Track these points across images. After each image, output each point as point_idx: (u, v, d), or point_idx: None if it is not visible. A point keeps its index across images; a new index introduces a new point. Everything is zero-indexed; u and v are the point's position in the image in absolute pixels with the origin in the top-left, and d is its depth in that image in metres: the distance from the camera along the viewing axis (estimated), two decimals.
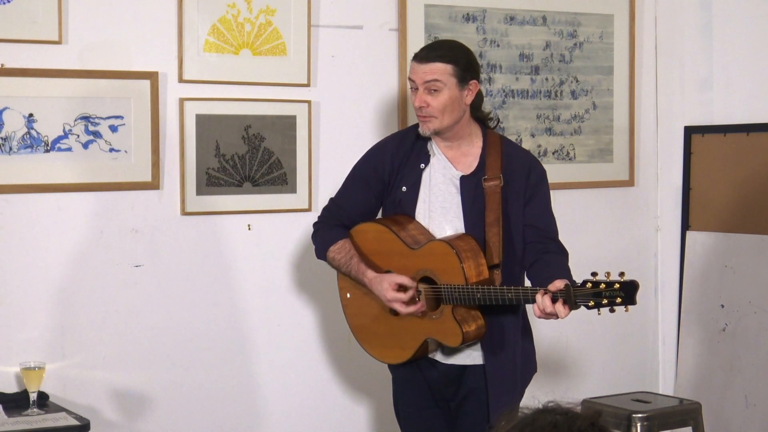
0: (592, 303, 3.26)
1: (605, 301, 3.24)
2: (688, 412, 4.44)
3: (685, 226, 4.97)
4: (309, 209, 4.33)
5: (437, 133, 3.57)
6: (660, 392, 4.98)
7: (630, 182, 5.05)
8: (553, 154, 4.85)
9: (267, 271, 4.32)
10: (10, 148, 3.89)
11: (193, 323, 4.20)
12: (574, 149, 4.91)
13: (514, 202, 3.57)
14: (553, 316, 3.31)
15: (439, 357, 3.62)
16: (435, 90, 3.53)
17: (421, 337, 3.56)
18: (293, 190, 4.33)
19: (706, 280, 4.86)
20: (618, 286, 3.23)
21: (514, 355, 3.59)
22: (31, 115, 3.91)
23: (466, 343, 3.50)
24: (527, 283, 3.61)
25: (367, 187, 3.70)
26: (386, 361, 3.72)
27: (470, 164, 3.61)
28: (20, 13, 3.86)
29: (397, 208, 3.65)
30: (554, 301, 3.28)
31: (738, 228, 4.75)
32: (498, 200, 3.53)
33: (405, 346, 3.60)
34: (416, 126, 3.74)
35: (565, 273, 3.46)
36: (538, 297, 3.30)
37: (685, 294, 4.94)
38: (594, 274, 3.27)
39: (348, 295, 3.74)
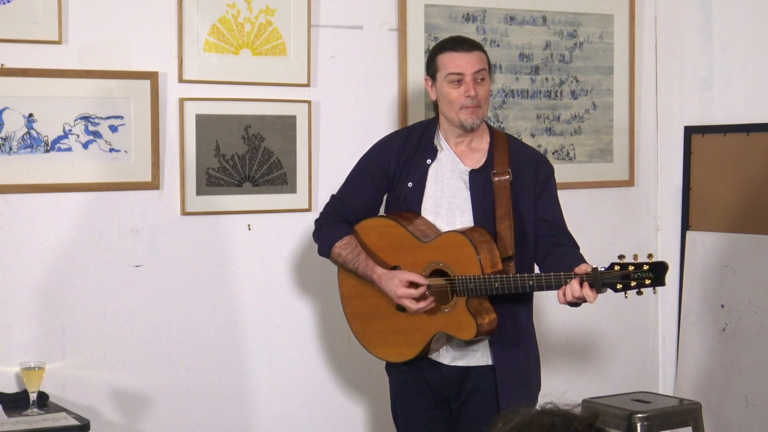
0: (620, 285, 3.25)
1: (634, 283, 3.23)
2: (688, 412, 4.44)
3: (685, 226, 4.97)
4: (309, 209, 4.34)
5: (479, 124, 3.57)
6: (660, 392, 4.98)
7: (630, 182, 5.05)
8: (553, 154, 4.85)
9: (267, 271, 4.32)
10: (10, 148, 3.89)
11: (193, 323, 4.20)
12: (574, 149, 4.91)
13: (524, 196, 3.58)
14: (581, 301, 3.30)
15: (442, 359, 3.60)
16: (482, 79, 3.55)
17: (431, 332, 3.53)
18: (293, 190, 4.33)
19: (706, 280, 4.86)
20: (647, 267, 3.23)
21: (528, 349, 3.59)
22: (31, 115, 3.92)
23: (479, 336, 3.47)
24: None
25: (372, 182, 3.68)
26: (390, 360, 3.68)
27: (478, 159, 3.61)
28: (20, 13, 3.87)
29: (402, 205, 3.63)
30: (581, 285, 3.28)
31: (738, 228, 4.74)
32: (508, 194, 3.53)
33: (412, 343, 3.57)
34: (422, 123, 3.75)
35: (584, 261, 3.46)
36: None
37: (685, 294, 4.94)
38: (621, 257, 3.27)
39: (349, 293, 3.72)
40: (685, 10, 4.98)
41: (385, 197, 3.74)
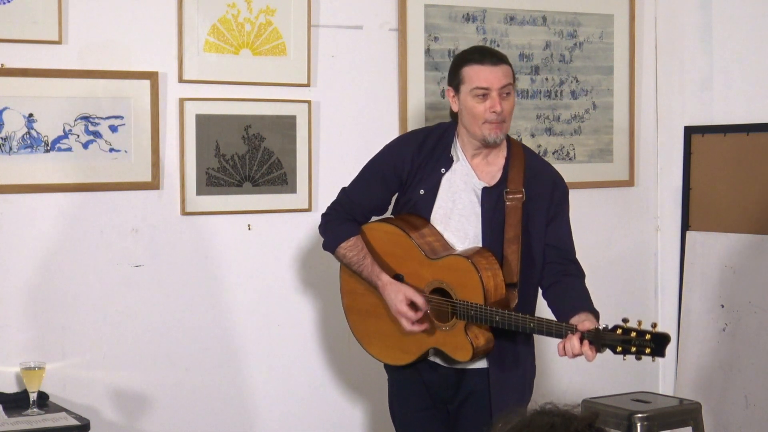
0: (619, 348, 3.19)
1: (634, 349, 3.16)
2: (688, 412, 4.44)
3: (685, 226, 4.97)
4: (309, 209, 4.34)
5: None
6: (660, 392, 4.98)
7: (630, 182, 5.05)
8: (553, 154, 4.85)
9: (267, 271, 4.32)
10: (10, 148, 3.89)
11: (192, 323, 4.20)
12: (574, 149, 4.91)
13: (536, 218, 3.51)
14: (578, 356, 3.26)
15: (439, 360, 3.58)
16: (508, 93, 3.46)
17: (426, 345, 3.52)
18: (293, 190, 4.33)
19: (706, 280, 4.86)
20: (649, 336, 3.16)
21: (524, 371, 3.56)
22: (31, 115, 3.92)
23: (474, 359, 3.46)
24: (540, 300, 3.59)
25: (384, 183, 3.63)
26: (384, 361, 3.69)
27: (494, 175, 3.52)
28: (20, 13, 3.87)
29: (411, 209, 3.59)
30: (581, 341, 3.23)
31: (738, 228, 4.74)
32: (519, 216, 3.46)
33: (407, 350, 3.57)
34: (440, 127, 3.66)
35: (588, 303, 3.42)
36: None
37: (685, 294, 4.94)
38: (625, 320, 3.21)
39: (349, 287, 3.71)
40: (685, 10, 4.98)
41: (395, 197, 3.71)
